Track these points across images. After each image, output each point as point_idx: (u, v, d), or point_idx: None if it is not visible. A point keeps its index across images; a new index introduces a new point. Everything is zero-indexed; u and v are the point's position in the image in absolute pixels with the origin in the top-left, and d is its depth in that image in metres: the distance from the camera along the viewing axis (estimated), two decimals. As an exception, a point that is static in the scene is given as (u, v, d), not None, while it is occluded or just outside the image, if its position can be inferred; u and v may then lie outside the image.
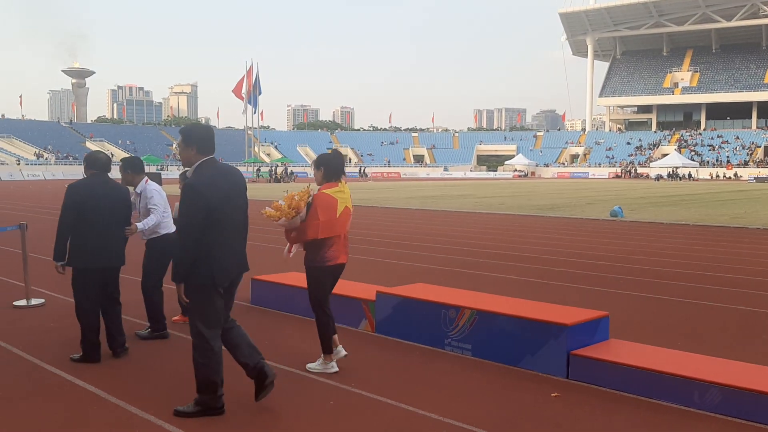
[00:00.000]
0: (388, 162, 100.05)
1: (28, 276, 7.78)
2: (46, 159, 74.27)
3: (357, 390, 4.86)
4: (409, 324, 6.19)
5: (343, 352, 5.37)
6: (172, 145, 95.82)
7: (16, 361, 5.59)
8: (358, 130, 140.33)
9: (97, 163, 5.70)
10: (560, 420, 4.35)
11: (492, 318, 5.59)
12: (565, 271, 10.40)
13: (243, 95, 77.51)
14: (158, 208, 6.24)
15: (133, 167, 6.30)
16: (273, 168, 71.81)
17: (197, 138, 4.30)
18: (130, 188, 6.08)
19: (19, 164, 67.49)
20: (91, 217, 5.46)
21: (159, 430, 4.12)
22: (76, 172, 63.59)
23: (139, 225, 6.11)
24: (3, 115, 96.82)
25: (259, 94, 74.51)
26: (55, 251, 5.50)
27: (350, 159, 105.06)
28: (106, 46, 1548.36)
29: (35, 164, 70.33)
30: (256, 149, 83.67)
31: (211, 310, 4.33)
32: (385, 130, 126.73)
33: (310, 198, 5.17)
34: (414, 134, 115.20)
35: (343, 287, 7.20)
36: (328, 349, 5.31)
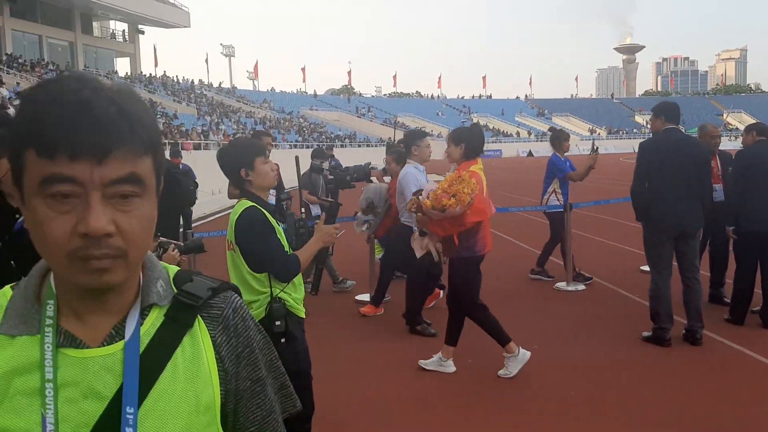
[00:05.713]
0: None
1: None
2: (598, 134, 78.67)
3: None
4: None
5: (528, 353, 4.60)
6: (722, 115, 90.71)
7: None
8: None
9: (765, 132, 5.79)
10: None
11: None
12: None
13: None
14: None
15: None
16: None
17: (664, 110, 5.32)
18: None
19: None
20: (760, 182, 5.47)
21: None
22: (625, 146, 65.86)
23: None
24: (573, 96, 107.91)
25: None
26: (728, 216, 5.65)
27: None
28: (652, 20, 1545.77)
29: (586, 139, 75.48)
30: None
31: (655, 252, 5.11)
32: None
33: (473, 193, 4.17)
34: None
35: None
36: (454, 342, 4.68)
